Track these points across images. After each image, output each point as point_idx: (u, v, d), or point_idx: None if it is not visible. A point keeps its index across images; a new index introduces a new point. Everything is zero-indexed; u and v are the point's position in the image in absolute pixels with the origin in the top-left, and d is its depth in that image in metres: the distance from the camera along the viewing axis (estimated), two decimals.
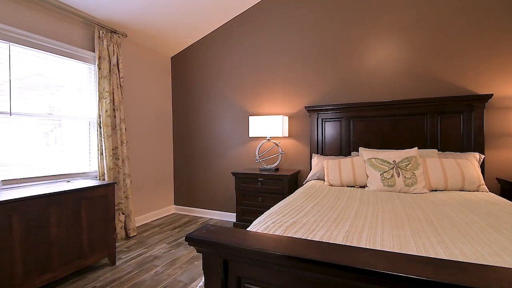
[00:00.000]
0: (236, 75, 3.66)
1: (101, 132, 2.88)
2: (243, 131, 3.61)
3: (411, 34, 2.76)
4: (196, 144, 3.96)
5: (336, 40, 3.08)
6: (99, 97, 2.87)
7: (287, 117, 3.27)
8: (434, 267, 0.73)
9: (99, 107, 2.87)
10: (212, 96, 3.83)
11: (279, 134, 3.08)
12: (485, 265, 0.73)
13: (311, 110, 3.12)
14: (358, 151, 2.88)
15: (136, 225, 3.47)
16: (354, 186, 2.45)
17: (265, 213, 1.50)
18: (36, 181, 2.41)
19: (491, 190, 2.47)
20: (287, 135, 3.29)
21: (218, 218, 3.79)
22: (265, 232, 1.16)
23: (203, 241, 0.91)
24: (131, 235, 3.09)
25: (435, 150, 2.46)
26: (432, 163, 2.23)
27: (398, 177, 2.18)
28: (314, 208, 1.60)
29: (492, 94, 2.39)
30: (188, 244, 0.94)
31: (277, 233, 1.13)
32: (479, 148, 2.44)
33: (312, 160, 3.04)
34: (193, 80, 3.97)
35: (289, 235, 1.10)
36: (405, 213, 1.48)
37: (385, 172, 2.24)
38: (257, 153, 3.30)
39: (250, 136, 3.21)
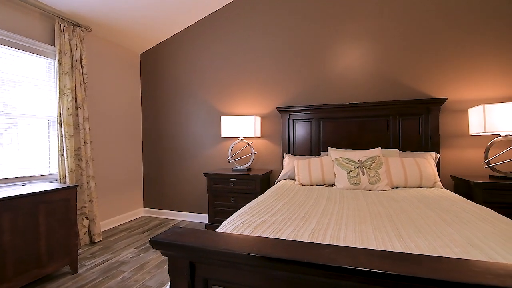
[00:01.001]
0: (209, 74, 3.62)
1: (62, 132, 2.70)
2: (215, 131, 3.58)
3: (376, 41, 2.91)
4: (167, 144, 3.86)
5: (307, 43, 3.17)
6: (59, 94, 2.69)
7: (259, 118, 3.30)
8: (391, 260, 0.78)
9: (60, 105, 2.69)
10: (184, 95, 3.75)
11: (251, 134, 3.10)
12: (436, 256, 0.79)
13: (283, 111, 3.18)
14: (327, 151, 2.98)
15: (102, 230, 3.30)
16: (323, 185, 2.54)
17: (235, 213, 1.50)
18: None
19: (445, 186, 2.68)
20: (260, 136, 3.32)
21: (190, 220, 3.72)
22: (233, 232, 1.16)
23: (169, 244, 0.89)
24: (96, 241, 2.93)
25: (397, 150, 2.62)
26: (393, 162, 2.38)
27: (363, 175, 2.29)
28: (283, 207, 1.63)
29: (446, 98, 2.59)
30: (153, 248, 0.91)
31: (245, 232, 1.13)
32: (435, 147, 2.64)
33: (283, 160, 3.09)
34: (164, 78, 3.86)
35: (257, 235, 1.11)
36: (368, 210, 1.56)
37: (351, 171, 2.35)
38: (229, 153, 3.29)
39: (222, 136, 3.20)
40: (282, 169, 3.12)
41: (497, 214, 1.47)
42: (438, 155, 2.56)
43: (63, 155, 2.71)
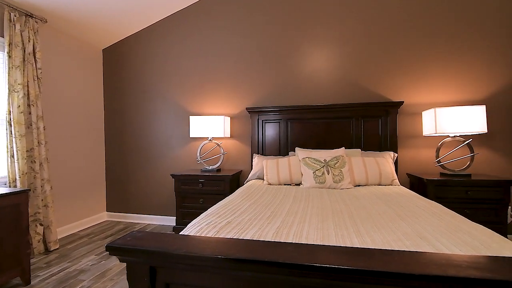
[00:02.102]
0: (177, 73, 3.53)
1: (11, 131, 2.47)
2: (184, 131, 3.50)
3: (341, 46, 3.04)
4: (132, 145, 3.69)
5: (276, 45, 3.22)
6: (9, 90, 2.46)
7: (229, 118, 3.29)
8: (348, 255, 0.82)
9: (9, 102, 2.46)
10: (151, 94, 3.62)
11: (221, 134, 3.07)
12: (389, 250, 0.85)
13: (252, 111, 3.20)
14: (295, 151, 3.05)
15: (59, 237, 3.08)
16: (290, 184, 2.59)
17: (201, 215, 1.48)
18: None
19: (402, 183, 2.87)
20: (229, 136, 3.31)
21: (157, 223, 3.60)
22: (198, 234, 1.15)
23: (127, 249, 0.86)
24: (51, 249, 2.72)
25: (359, 150, 2.76)
26: (356, 162, 2.50)
27: (328, 174, 2.38)
28: (250, 207, 1.64)
29: (403, 102, 2.79)
30: (110, 254, 0.87)
31: (210, 234, 1.12)
32: (394, 147, 2.83)
33: (253, 160, 3.11)
34: (129, 76, 3.69)
35: (222, 236, 1.11)
36: (331, 208, 1.62)
37: (317, 170, 2.43)
38: (198, 154, 3.23)
39: (191, 136, 3.13)
40: (252, 169, 3.14)
41: (445, 208, 1.61)
42: (396, 155, 2.74)
43: (12, 156, 2.48)
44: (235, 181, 3.13)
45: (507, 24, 2.70)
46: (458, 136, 2.55)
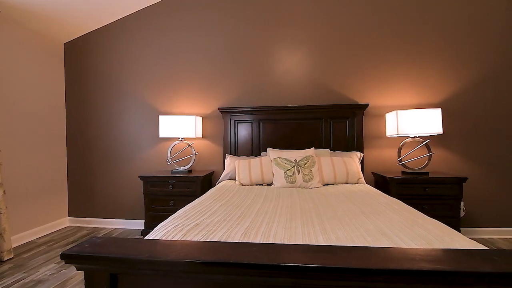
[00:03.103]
0: (146, 71, 3.40)
1: None
2: (153, 132, 3.38)
3: (312, 48, 3.13)
4: (97, 146, 3.49)
5: (248, 46, 3.23)
6: None
7: (200, 118, 3.23)
8: (311, 253, 0.84)
9: None
10: (118, 93, 3.45)
11: (192, 135, 3.02)
12: (350, 246, 0.88)
13: (225, 111, 3.18)
14: (267, 151, 3.08)
15: (14, 246, 2.83)
16: (262, 184, 2.61)
17: (169, 217, 1.44)
18: None
19: (368, 182, 3.01)
20: (201, 136, 3.26)
21: (124, 228, 3.44)
22: (164, 238, 1.12)
23: (84, 256, 0.81)
24: (5, 259, 2.50)
25: (328, 150, 2.85)
26: (325, 161, 2.58)
27: (298, 174, 2.43)
28: (220, 208, 1.63)
29: (368, 104, 2.93)
30: (65, 263, 0.82)
31: (176, 237, 1.10)
32: (360, 147, 2.96)
33: (225, 160, 3.09)
34: (94, 72, 3.49)
35: (189, 239, 1.09)
36: (300, 206, 1.66)
37: (288, 170, 2.47)
38: (168, 155, 3.15)
39: (161, 136, 3.04)
40: (224, 170, 3.12)
41: (404, 205, 1.71)
42: (362, 154, 2.87)
43: None
44: (207, 182, 3.09)
45: (458, 36, 2.94)
46: (417, 137, 2.73)
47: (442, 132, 2.63)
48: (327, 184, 2.53)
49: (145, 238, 1.07)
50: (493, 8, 2.90)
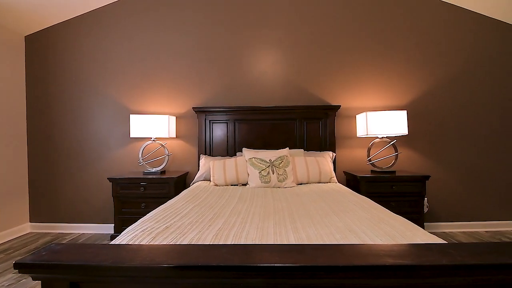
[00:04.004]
0: (117, 69, 3.25)
1: None
2: (124, 131, 3.24)
3: (286, 50, 3.17)
4: (62, 146, 3.28)
5: (224, 46, 3.20)
6: None
7: (174, 117, 3.16)
8: (280, 253, 0.84)
9: None
10: (86, 90, 3.27)
11: (165, 135, 2.94)
12: (318, 244, 0.90)
13: (199, 111, 3.13)
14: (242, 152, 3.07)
15: None
16: (237, 185, 2.60)
17: (138, 220, 1.39)
18: None
19: (340, 181, 3.10)
20: (175, 136, 3.18)
21: (92, 232, 3.27)
22: (131, 242, 1.07)
23: (40, 265, 0.75)
24: None
25: (302, 150, 2.91)
26: (299, 161, 2.63)
27: (273, 174, 2.46)
28: (193, 209, 1.60)
29: (340, 105, 3.03)
30: (19, 272, 0.76)
31: (144, 241, 1.06)
32: (332, 147, 3.05)
33: (200, 161, 3.04)
34: (59, 68, 3.27)
35: (158, 242, 1.05)
36: (273, 206, 1.67)
37: (262, 170, 2.48)
38: (140, 155, 3.04)
39: (132, 136, 2.92)
40: (199, 170, 3.07)
41: (372, 202, 1.78)
42: (334, 154, 2.96)
43: None
44: (181, 183, 3.02)
45: (422, 44, 3.13)
46: (385, 137, 2.87)
47: (407, 133, 2.78)
48: (301, 184, 2.58)
49: (110, 243, 1.02)
50: (454, 17, 3.12)
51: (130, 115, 2.95)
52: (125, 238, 1.10)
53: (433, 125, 3.14)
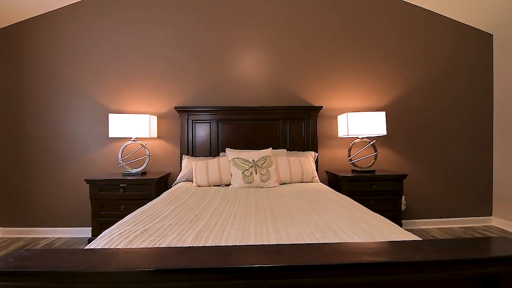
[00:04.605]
0: (95, 65, 3.14)
1: None
2: (102, 131, 3.13)
3: (269, 50, 3.19)
4: (35, 147, 3.13)
5: (206, 45, 3.17)
6: None
7: (155, 117, 3.09)
8: (260, 253, 0.84)
9: None
10: (60, 88, 3.13)
11: (146, 135, 2.87)
12: (297, 244, 0.91)
13: (181, 111, 3.08)
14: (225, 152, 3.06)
15: None
16: (220, 185, 2.58)
17: (116, 223, 1.34)
18: None
19: (322, 180, 3.14)
20: (156, 136, 3.11)
21: (69, 236, 3.14)
22: (107, 246, 1.04)
23: (5, 273, 0.71)
24: None
25: (285, 150, 2.93)
26: (281, 161, 2.65)
27: (256, 174, 2.46)
28: (174, 211, 1.57)
29: (322, 106, 3.09)
30: None
31: (121, 245, 1.02)
32: (314, 147, 3.09)
33: (182, 161, 2.99)
34: (32, 66, 3.11)
35: (135, 246, 1.02)
36: (255, 206, 1.67)
37: (245, 170, 2.48)
38: (120, 156, 2.95)
39: (110, 136, 2.83)
40: (181, 171, 3.02)
41: (352, 201, 1.82)
42: (317, 154, 3.00)
43: None
44: (162, 184, 2.96)
45: (400, 48, 3.24)
46: (365, 138, 2.94)
47: (386, 133, 2.87)
48: (284, 183, 2.60)
49: (85, 247, 0.98)
50: (433, 23, 3.26)
51: (109, 114, 2.86)
52: (100, 242, 1.06)
53: (410, 126, 3.26)
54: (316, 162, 3.06)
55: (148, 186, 2.70)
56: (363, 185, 2.73)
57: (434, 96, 3.27)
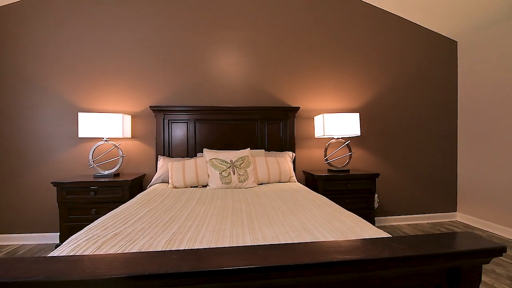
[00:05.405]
0: (63, 61, 2.97)
1: None
2: (71, 131, 2.97)
3: (248, 51, 3.18)
4: None
5: (182, 44, 3.10)
6: None
7: (129, 116, 2.98)
8: (234, 255, 0.83)
9: None
10: (25, 85, 2.93)
11: (119, 135, 2.76)
12: (271, 244, 0.91)
13: (157, 110, 2.99)
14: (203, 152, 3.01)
15: None
16: (197, 186, 2.54)
17: (84, 228, 1.28)
18: None
19: (299, 180, 3.20)
20: (130, 136, 3.00)
21: (34, 243, 2.94)
22: (73, 253, 0.98)
23: None
24: None
25: (263, 150, 2.94)
26: (260, 161, 2.65)
27: (234, 174, 2.44)
28: (147, 214, 1.52)
29: (299, 107, 3.13)
30: None
31: (88, 251, 0.97)
32: (292, 148, 3.13)
33: (157, 162, 2.91)
34: None
35: (104, 252, 0.97)
36: (232, 207, 1.66)
37: (223, 171, 2.46)
38: (90, 157, 2.81)
39: (80, 136, 2.69)
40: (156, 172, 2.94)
41: (327, 200, 1.86)
42: (294, 154, 3.04)
43: None
44: (136, 186, 2.86)
45: (372, 53, 3.37)
46: (340, 138, 3.03)
47: (359, 134, 2.97)
48: (262, 184, 2.60)
49: (48, 255, 0.92)
50: (405, 31, 3.41)
51: (79, 113, 2.72)
52: (65, 249, 1.00)
53: (382, 127, 3.40)
54: (294, 162, 3.10)
55: (121, 188, 2.60)
56: (339, 184, 2.80)
57: (405, 99, 3.44)
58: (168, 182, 2.67)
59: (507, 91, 2.92)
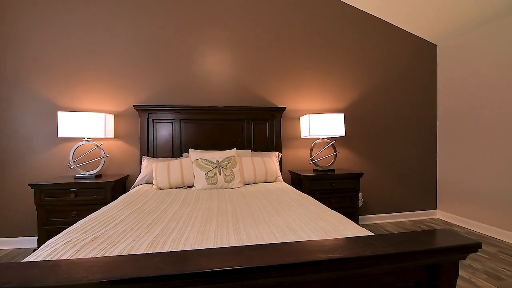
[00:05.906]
0: (41, 58, 2.85)
1: None
2: (50, 131, 2.86)
3: (235, 51, 3.17)
4: None
5: (170, 42, 3.06)
6: None
7: (112, 116, 2.90)
8: (218, 257, 0.82)
9: None
10: (3, 82, 2.79)
11: (101, 134, 2.68)
12: (255, 245, 0.91)
13: (141, 109, 2.93)
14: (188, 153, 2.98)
15: None
16: (182, 187, 2.51)
17: (62, 232, 1.23)
18: None
19: (285, 180, 3.23)
20: (113, 136, 2.93)
21: (10, 248, 2.81)
22: (50, 258, 0.94)
23: None
24: None
25: (249, 150, 2.94)
26: (246, 161, 2.65)
27: (220, 175, 2.43)
28: (129, 216, 1.48)
29: (285, 107, 3.15)
30: None
31: (66, 255, 0.94)
32: (278, 148, 3.15)
33: (142, 163, 2.85)
34: None
35: (82, 256, 0.94)
36: (218, 208, 1.65)
37: (209, 171, 2.43)
38: (71, 158, 2.71)
39: (59, 136, 2.60)
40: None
41: (313, 200, 1.88)
42: (280, 154, 3.06)
43: None
44: (119, 187, 2.79)
45: (357, 55, 3.44)
46: (325, 138, 3.07)
47: (344, 134, 3.02)
48: (248, 184, 2.60)
49: (22, 261, 0.88)
50: (389, 34, 3.50)
51: (58, 112, 2.62)
52: (42, 253, 0.96)
53: (366, 127, 3.47)
54: (280, 162, 3.12)
55: (103, 190, 2.53)
56: (324, 184, 2.84)
57: (388, 100, 3.53)
58: (152, 183, 2.62)
59: (484, 94, 3.05)
